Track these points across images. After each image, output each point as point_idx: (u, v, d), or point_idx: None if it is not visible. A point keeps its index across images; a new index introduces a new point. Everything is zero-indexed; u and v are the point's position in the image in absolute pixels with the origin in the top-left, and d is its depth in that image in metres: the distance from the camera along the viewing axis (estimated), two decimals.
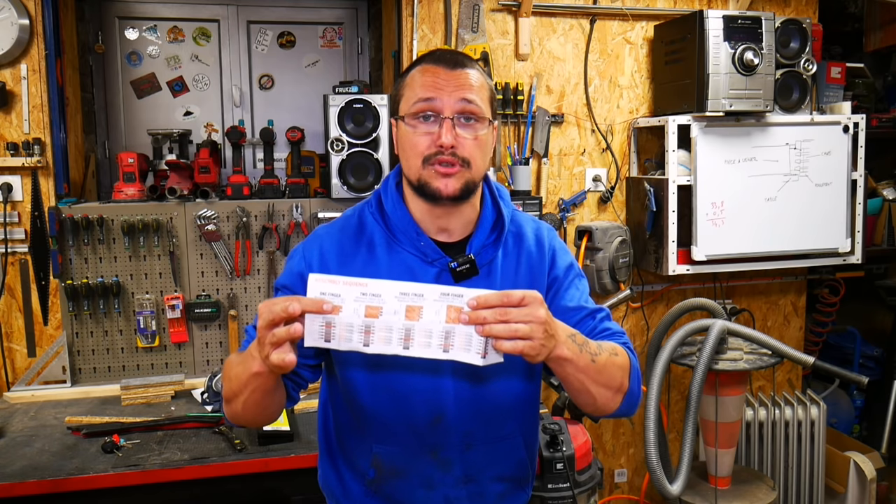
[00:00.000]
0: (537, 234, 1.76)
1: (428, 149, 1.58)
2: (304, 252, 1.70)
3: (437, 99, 1.58)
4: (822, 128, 3.75)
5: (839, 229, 3.81)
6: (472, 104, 1.59)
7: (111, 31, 3.90)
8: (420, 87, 1.60)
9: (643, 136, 3.89)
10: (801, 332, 4.27)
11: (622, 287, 3.75)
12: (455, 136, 1.57)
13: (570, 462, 2.89)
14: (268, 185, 3.56)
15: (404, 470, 1.69)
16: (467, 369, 1.63)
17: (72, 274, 3.33)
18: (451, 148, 1.57)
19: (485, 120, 1.61)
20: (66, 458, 2.60)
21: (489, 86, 1.66)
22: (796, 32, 3.64)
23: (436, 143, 1.57)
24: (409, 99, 1.62)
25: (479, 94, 1.60)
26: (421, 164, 1.59)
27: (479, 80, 1.62)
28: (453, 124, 1.57)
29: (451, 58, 1.62)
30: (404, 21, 3.56)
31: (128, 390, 3.18)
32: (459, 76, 1.60)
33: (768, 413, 3.79)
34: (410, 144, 1.60)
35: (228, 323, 3.49)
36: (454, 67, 1.60)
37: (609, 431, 4.05)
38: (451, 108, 1.57)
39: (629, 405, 1.63)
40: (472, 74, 1.61)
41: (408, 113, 1.61)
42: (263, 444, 2.70)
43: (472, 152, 1.59)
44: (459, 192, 1.59)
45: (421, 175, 1.60)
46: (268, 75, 4.10)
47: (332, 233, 1.72)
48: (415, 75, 1.63)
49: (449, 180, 1.58)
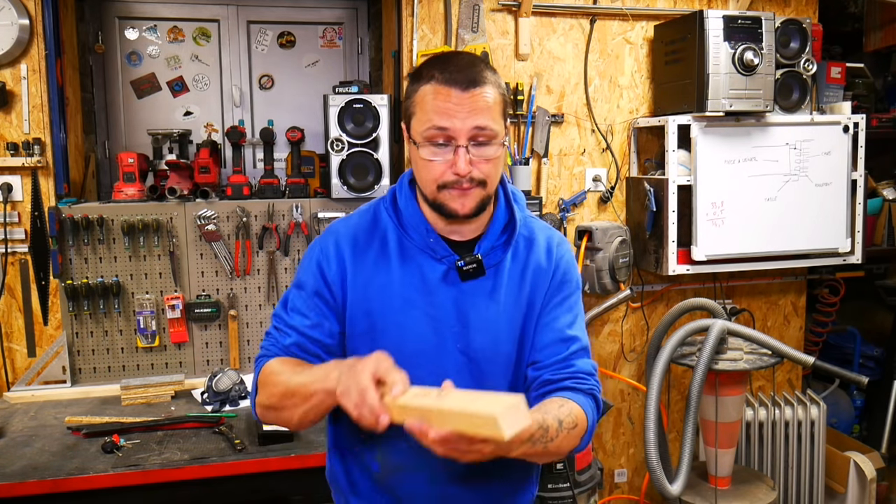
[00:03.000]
0: (549, 243, 1.77)
1: (443, 175, 1.58)
2: (322, 245, 1.74)
3: (451, 128, 1.55)
4: (822, 128, 3.75)
5: (839, 229, 3.81)
6: (487, 130, 1.57)
7: (111, 31, 3.90)
8: (433, 111, 1.56)
9: (643, 136, 3.89)
10: (801, 332, 4.26)
11: (622, 287, 3.75)
12: (469, 161, 1.57)
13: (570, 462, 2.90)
14: (268, 185, 3.56)
15: (409, 465, 1.70)
16: (470, 367, 1.65)
17: (72, 274, 3.33)
18: (468, 174, 1.57)
19: (499, 138, 1.60)
20: (66, 458, 2.61)
21: (503, 97, 1.63)
22: (796, 32, 3.64)
23: (451, 172, 1.57)
24: (421, 121, 1.59)
25: (493, 113, 1.58)
26: (436, 189, 1.61)
27: (494, 97, 1.58)
28: (468, 149, 1.56)
29: (463, 76, 1.56)
30: (404, 21, 3.56)
31: (128, 390, 3.18)
32: (473, 99, 1.55)
33: (768, 413, 3.79)
34: (426, 169, 1.61)
35: (228, 323, 3.49)
36: (467, 88, 1.55)
37: (609, 431, 4.05)
38: (465, 135, 1.55)
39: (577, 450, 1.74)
40: (485, 93, 1.57)
41: (421, 138, 1.59)
42: (263, 445, 2.70)
43: (488, 172, 1.60)
44: (475, 209, 1.62)
45: (437, 197, 1.62)
46: (268, 75, 4.09)
47: (348, 226, 1.75)
48: (426, 95, 1.58)
49: (465, 200, 1.60)
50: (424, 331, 1.65)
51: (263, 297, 3.53)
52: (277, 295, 3.52)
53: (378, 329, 1.65)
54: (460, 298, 1.66)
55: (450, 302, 1.66)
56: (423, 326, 1.65)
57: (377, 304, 1.66)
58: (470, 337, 1.66)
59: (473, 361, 1.66)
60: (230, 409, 3.10)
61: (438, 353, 1.65)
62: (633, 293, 3.85)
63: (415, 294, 1.66)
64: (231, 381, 3.15)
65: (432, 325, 1.65)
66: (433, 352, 1.65)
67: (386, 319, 1.65)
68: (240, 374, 3.22)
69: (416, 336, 1.65)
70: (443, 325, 1.66)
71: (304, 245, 3.52)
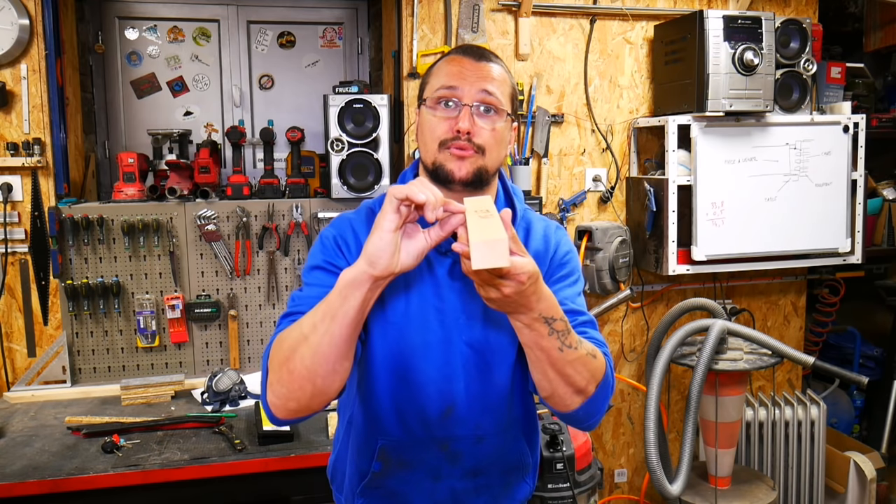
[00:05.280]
0: (546, 231, 1.79)
1: (445, 133, 1.64)
2: (337, 228, 1.73)
3: (459, 87, 1.64)
4: (822, 128, 3.75)
5: (839, 229, 3.81)
6: (493, 96, 1.65)
7: (111, 31, 3.90)
8: (444, 75, 1.67)
9: (643, 136, 3.90)
10: (801, 332, 4.27)
11: (622, 287, 3.75)
12: (473, 124, 1.63)
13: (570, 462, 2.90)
14: (268, 185, 3.56)
15: (411, 462, 1.72)
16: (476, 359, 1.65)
17: (72, 274, 3.33)
18: (468, 134, 1.62)
19: (503, 112, 1.67)
20: (66, 458, 2.61)
21: (511, 83, 1.73)
22: (796, 32, 3.64)
23: (453, 129, 1.63)
24: (432, 86, 1.69)
25: (501, 87, 1.67)
26: (437, 148, 1.65)
27: (502, 75, 1.69)
28: (472, 113, 1.63)
29: (477, 51, 1.70)
30: (404, 21, 3.56)
31: (128, 390, 3.18)
32: (483, 68, 1.67)
33: (768, 413, 3.79)
34: (429, 128, 1.67)
35: (228, 323, 3.49)
36: (479, 59, 1.68)
37: (609, 431, 4.05)
38: (471, 96, 1.64)
39: (588, 413, 1.59)
40: (495, 69, 1.68)
41: (430, 100, 1.67)
42: (263, 445, 2.71)
43: (488, 141, 1.65)
44: (472, 176, 1.64)
45: (436, 158, 1.66)
46: (268, 75, 4.10)
47: (358, 215, 1.76)
48: (441, 65, 1.71)
49: (462, 163, 1.64)
50: (431, 323, 1.66)
51: (263, 298, 3.53)
52: (277, 295, 3.53)
53: (390, 321, 1.65)
54: (465, 291, 1.67)
55: (455, 295, 1.67)
56: (431, 319, 1.66)
57: (389, 295, 1.65)
58: (475, 330, 1.67)
59: (479, 353, 1.67)
60: (230, 409, 3.11)
61: (445, 346, 1.66)
62: (633, 293, 3.86)
63: (423, 288, 1.67)
64: (231, 381, 3.15)
65: (439, 317, 1.66)
66: (439, 344, 1.66)
67: (396, 311, 1.65)
68: (240, 374, 3.22)
69: (424, 329, 1.66)
70: (449, 319, 1.66)
71: (305, 245, 3.52)
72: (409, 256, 1.43)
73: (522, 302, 1.39)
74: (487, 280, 1.35)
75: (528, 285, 1.36)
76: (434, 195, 1.39)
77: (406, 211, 1.39)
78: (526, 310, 1.41)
